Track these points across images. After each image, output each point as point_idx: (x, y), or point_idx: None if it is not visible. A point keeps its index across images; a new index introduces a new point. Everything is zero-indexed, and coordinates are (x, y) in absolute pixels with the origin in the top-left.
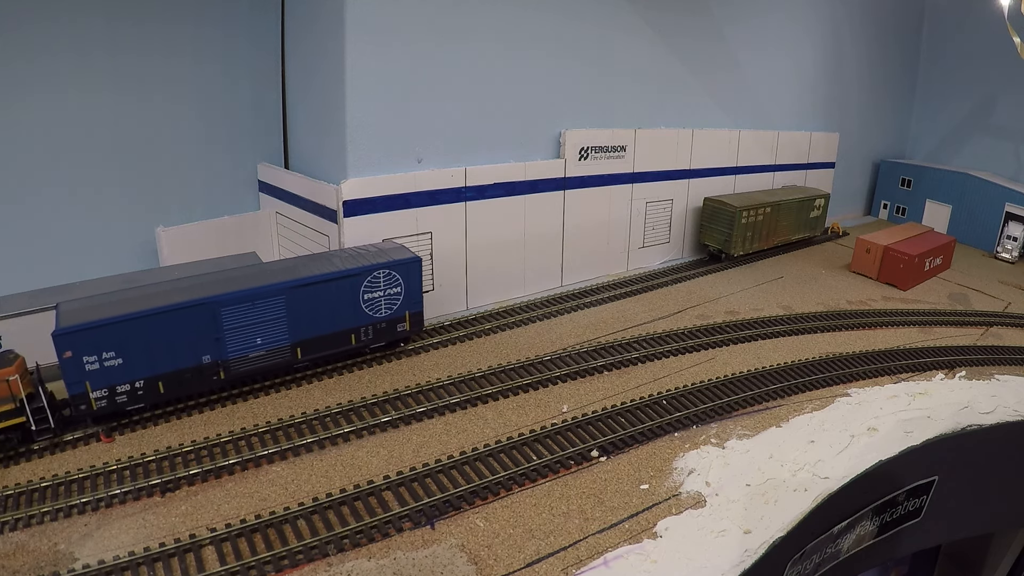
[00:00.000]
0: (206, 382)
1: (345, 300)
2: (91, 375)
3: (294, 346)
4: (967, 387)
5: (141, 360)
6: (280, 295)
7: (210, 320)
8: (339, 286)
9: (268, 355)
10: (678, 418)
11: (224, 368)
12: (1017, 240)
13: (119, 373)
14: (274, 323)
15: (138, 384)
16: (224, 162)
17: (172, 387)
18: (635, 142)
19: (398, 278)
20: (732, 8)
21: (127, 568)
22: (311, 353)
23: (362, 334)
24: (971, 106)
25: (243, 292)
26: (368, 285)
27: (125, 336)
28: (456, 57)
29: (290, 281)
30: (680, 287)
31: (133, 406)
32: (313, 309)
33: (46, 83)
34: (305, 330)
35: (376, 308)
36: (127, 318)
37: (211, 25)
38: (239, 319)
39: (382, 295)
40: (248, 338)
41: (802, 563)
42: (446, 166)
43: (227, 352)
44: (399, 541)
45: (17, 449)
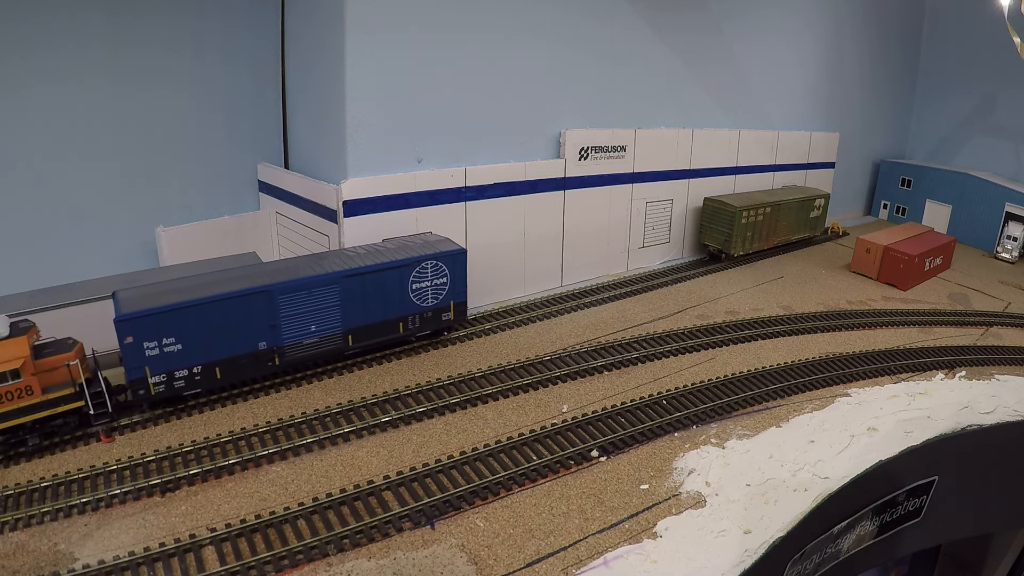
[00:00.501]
0: (261, 368)
1: (394, 289)
2: (150, 360)
3: (346, 333)
4: (967, 387)
5: (199, 346)
6: (335, 284)
7: (267, 307)
8: (389, 276)
9: (321, 342)
10: (678, 418)
11: (279, 354)
12: (1017, 240)
13: (178, 359)
14: (328, 311)
15: (196, 370)
16: (224, 162)
17: (228, 373)
18: (635, 142)
19: (445, 269)
20: (732, 7)
21: (127, 568)
22: (361, 341)
23: (409, 322)
24: (971, 106)
25: (300, 280)
26: (416, 275)
27: (185, 322)
28: (456, 57)
29: (344, 270)
30: (680, 287)
31: (190, 391)
32: (364, 298)
33: (46, 84)
34: (357, 318)
35: (423, 298)
36: (187, 304)
37: (211, 22)
38: (295, 307)
39: (429, 285)
40: (303, 325)
41: (802, 563)
42: (446, 166)
43: (282, 339)
44: (399, 541)
45: (74, 433)
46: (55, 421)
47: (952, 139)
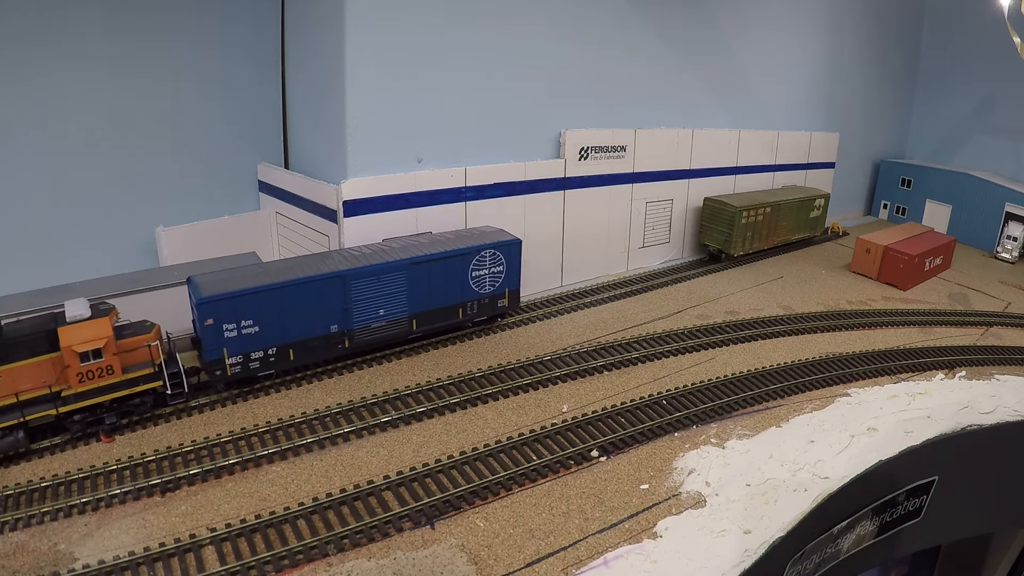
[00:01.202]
0: (332, 350)
1: (455, 276)
2: (228, 342)
3: (411, 318)
4: (967, 387)
5: (275, 329)
6: (402, 270)
7: (340, 292)
8: (451, 264)
9: (388, 325)
10: (678, 418)
11: (349, 337)
12: (1017, 240)
13: (254, 340)
14: (395, 296)
15: (271, 351)
16: (224, 162)
17: (301, 355)
18: (635, 142)
19: (501, 257)
20: (733, 7)
21: (127, 568)
22: (424, 325)
23: (468, 308)
24: (971, 106)
25: (371, 267)
26: (476, 263)
27: (262, 305)
28: (456, 57)
29: (411, 257)
30: (680, 287)
31: (264, 372)
32: (428, 284)
33: (46, 84)
34: (421, 303)
35: (481, 285)
36: (266, 288)
37: (211, 22)
38: (365, 291)
39: (487, 273)
40: (372, 309)
41: (802, 563)
42: (446, 166)
43: (353, 322)
44: (399, 541)
45: (152, 412)
46: (133, 400)
47: (952, 139)
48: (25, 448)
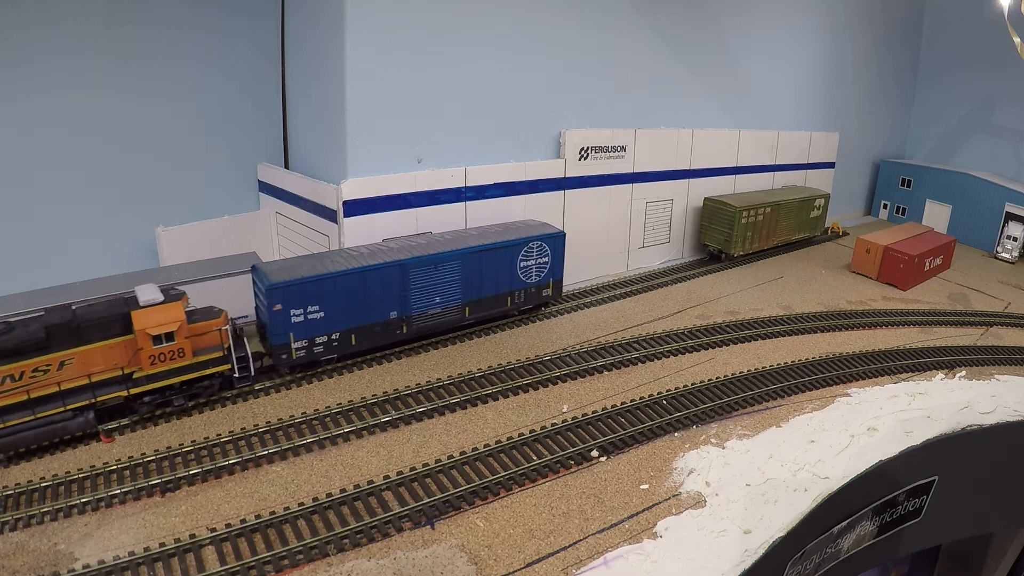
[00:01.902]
0: (391, 335)
1: (505, 266)
2: (295, 327)
3: (464, 305)
4: (967, 387)
5: (339, 314)
6: (457, 260)
7: (400, 279)
8: (502, 254)
9: (443, 312)
10: (678, 418)
11: (407, 323)
12: (1017, 240)
13: (320, 326)
14: (450, 284)
15: (334, 336)
16: (224, 162)
17: (362, 340)
18: (635, 142)
19: (547, 249)
20: (733, 7)
21: (127, 568)
22: (476, 313)
23: (516, 297)
24: (971, 106)
25: (429, 256)
26: (524, 254)
27: (328, 292)
28: (456, 57)
29: (465, 248)
30: (680, 287)
31: (327, 356)
32: (480, 273)
33: (47, 83)
34: (473, 291)
35: (528, 275)
36: (332, 275)
37: (211, 25)
38: (423, 279)
39: (534, 263)
40: (429, 297)
41: (802, 563)
42: (446, 166)
43: (411, 308)
44: (399, 541)
45: (220, 395)
46: (202, 383)
47: (952, 139)
48: (94, 429)
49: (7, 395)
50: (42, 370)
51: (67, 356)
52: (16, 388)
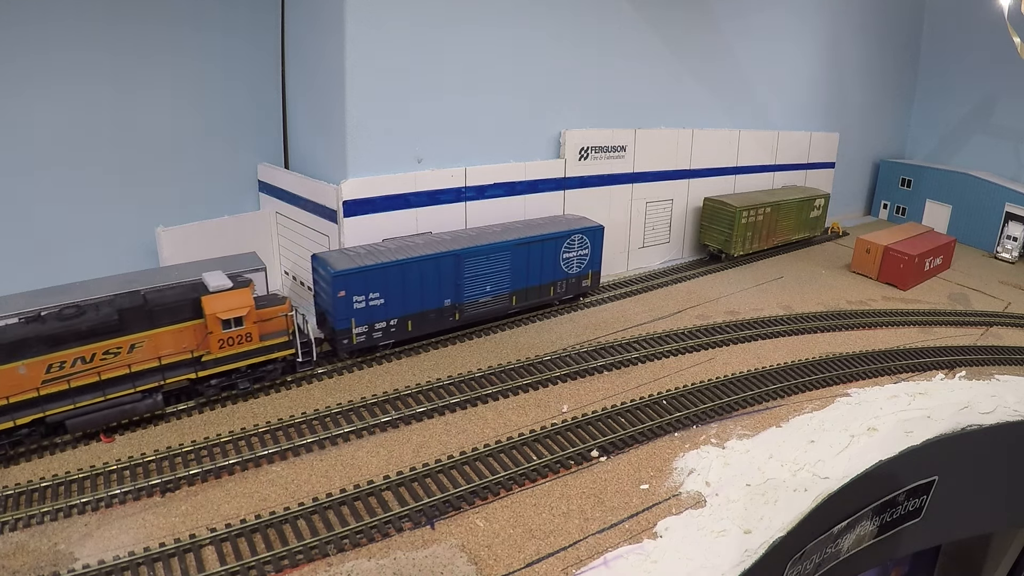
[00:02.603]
0: (444, 322)
1: (549, 258)
2: (357, 313)
3: (511, 294)
4: (967, 387)
5: (398, 301)
6: (507, 250)
7: (454, 268)
8: (547, 246)
9: (493, 301)
10: (678, 418)
11: (460, 311)
12: (1017, 240)
13: (380, 312)
14: (500, 274)
15: (392, 322)
16: (224, 162)
17: (418, 326)
18: (635, 142)
19: (588, 241)
20: (733, 8)
21: (127, 568)
22: (522, 302)
23: (558, 287)
24: (971, 106)
25: (482, 247)
26: (567, 246)
27: (389, 279)
28: (456, 57)
29: (514, 239)
30: (680, 287)
31: (385, 342)
32: (527, 264)
33: (46, 83)
34: (520, 281)
35: (570, 266)
36: (394, 264)
37: (211, 25)
38: (476, 269)
39: (575, 255)
40: (480, 285)
41: (802, 563)
42: (446, 166)
43: (464, 296)
44: (399, 541)
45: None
46: (266, 367)
47: (952, 139)
48: (161, 411)
49: (79, 376)
50: (113, 352)
51: (138, 339)
52: (87, 370)
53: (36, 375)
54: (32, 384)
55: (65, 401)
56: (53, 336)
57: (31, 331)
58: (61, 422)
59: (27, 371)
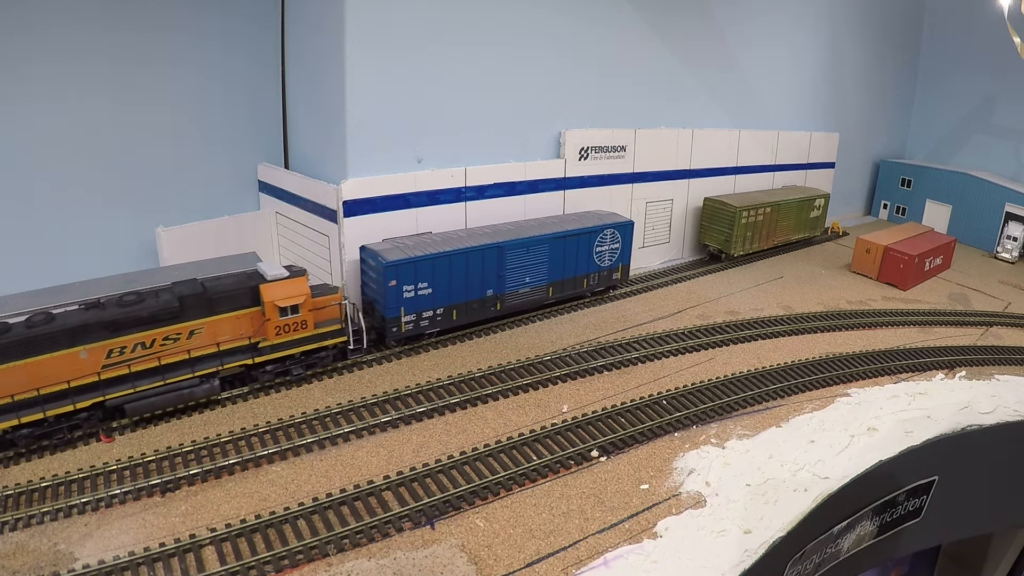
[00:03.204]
0: (486, 312)
1: (583, 251)
2: (406, 302)
3: (548, 285)
4: (967, 387)
5: (445, 291)
6: (546, 243)
7: (497, 260)
8: (581, 240)
9: (531, 292)
10: (678, 418)
11: (500, 301)
12: (1017, 240)
13: (427, 301)
14: (539, 266)
15: (439, 312)
16: (224, 162)
17: (462, 315)
18: (635, 142)
19: (619, 236)
20: (733, 7)
21: (127, 568)
22: (557, 293)
23: (590, 280)
24: (971, 106)
25: (523, 240)
26: (599, 240)
27: (437, 270)
28: (456, 57)
29: (552, 233)
30: (680, 287)
31: (431, 330)
32: (564, 256)
33: (47, 83)
34: (557, 273)
35: (602, 259)
36: (443, 255)
37: (211, 25)
38: (517, 261)
39: (607, 249)
40: (520, 277)
41: (802, 563)
42: (446, 166)
43: (505, 287)
44: (399, 541)
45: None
46: (319, 353)
47: (952, 139)
48: (218, 395)
49: (139, 361)
50: (172, 338)
51: (198, 325)
52: (147, 355)
53: (97, 360)
54: (92, 369)
55: (125, 385)
56: (114, 322)
57: (92, 317)
58: (120, 406)
59: (88, 356)
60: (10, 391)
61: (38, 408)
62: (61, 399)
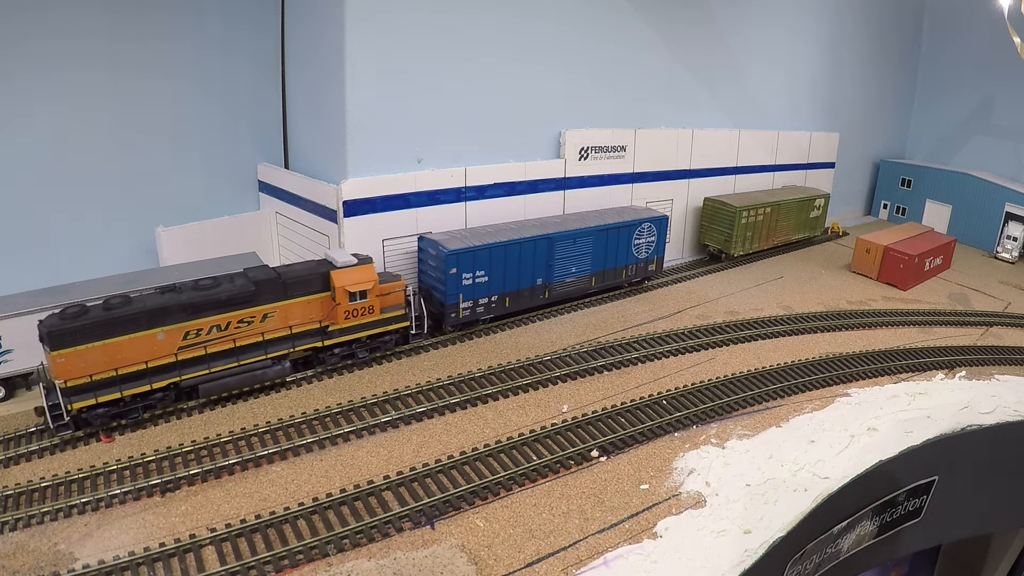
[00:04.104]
0: (536, 299)
1: (624, 243)
2: (464, 289)
3: (592, 276)
4: (967, 387)
5: (499, 279)
6: (590, 235)
7: (547, 250)
8: (623, 232)
9: (576, 281)
10: (678, 418)
11: (548, 289)
12: (1017, 240)
13: (483, 289)
14: (583, 256)
15: (493, 299)
16: (224, 162)
17: (514, 302)
18: (635, 142)
19: (655, 229)
20: (732, 7)
21: (127, 568)
22: (599, 283)
23: (629, 270)
24: (971, 106)
25: (571, 231)
26: (638, 233)
27: (494, 259)
28: (456, 57)
29: (596, 226)
30: (680, 287)
31: (485, 316)
32: (606, 248)
33: (47, 84)
34: (599, 263)
35: (639, 251)
36: (499, 244)
37: (212, 24)
38: (564, 251)
39: (644, 242)
40: (567, 267)
41: (802, 563)
42: (446, 166)
43: (553, 276)
44: (399, 541)
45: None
46: (383, 337)
47: (952, 139)
48: (288, 376)
49: (214, 343)
50: (247, 321)
51: (271, 309)
52: (222, 337)
53: (173, 341)
54: (169, 350)
55: (200, 366)
56: (192, 304)
57: (169, 300)
58: (194, 387)
59: (165, 337)
60: (89, 371)
61: (115, 388)
62: (138, 379)
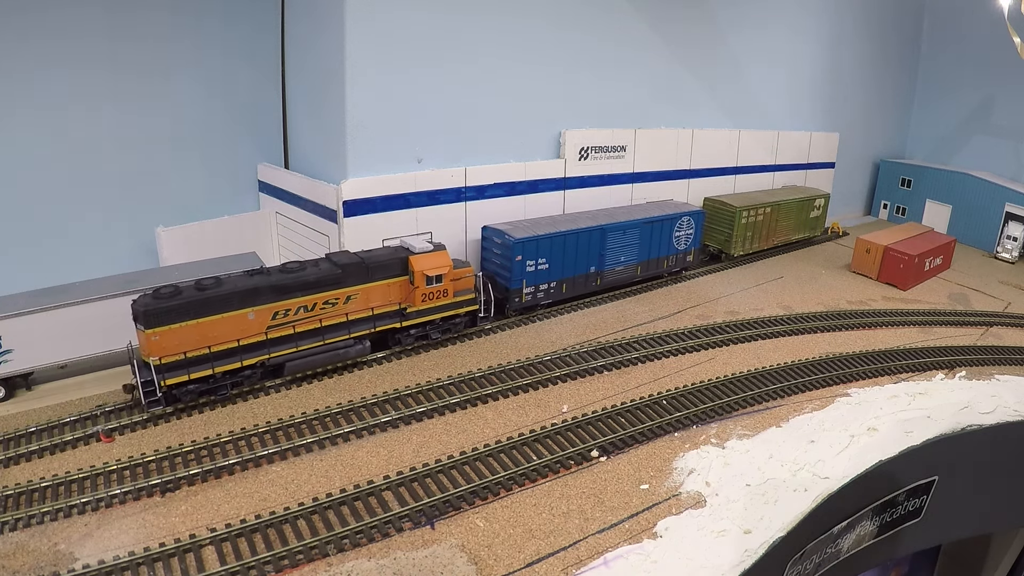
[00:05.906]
0: (589, 286)
1: (666, 235)
2: (527, 275)
3: (637, 265)
4: (967, 387)
5: (559, 267)
6: (638, 227)
7: (600, 240)
8: (665, 225)
9: (624, 270)
10: (678, 418)
11: (600, 277)
12: (1017, 240)
13: (544, 275)
14: (632, 247)
15: (552, 285)
16: (224, 162)
17: (570, 289)
18: (635, 142)
19: (693, 223)
20: (733, 8)
21: (127, 568)
22: (644, 272)
23: (669, 261)
24: (971, 106)
25: (621, 223)
26: (678, 226)
27: (554, 247)
28: (456, 58)
29: (643, 218)
30: (680, 287)
31: (544, 302)
32: (651, 239)
33: (47, 84)
34: (644, 254)
35: (679, 243)
36: (559, 234)
37: (212, 24)
38: (615, 242)
39: (683, 234)
40: (617, 256)
41: (802, 563)
42: (446, 166)
43: (604, 265)
44: (399, 541)
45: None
46: (455, 320)
47: (952, 139)
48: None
49: (302, 323)
50: (331, 302)
51: (355, 291)
52: (309, 317)
53: (263, 321)
54: (259, 329)
55: (287, 345)
56: (281, 286)
57: (259, 281)
58: (281, 364)
59: (255, 317)
60: (182, 349)
61: (207, 365)
62: (230, 356)
